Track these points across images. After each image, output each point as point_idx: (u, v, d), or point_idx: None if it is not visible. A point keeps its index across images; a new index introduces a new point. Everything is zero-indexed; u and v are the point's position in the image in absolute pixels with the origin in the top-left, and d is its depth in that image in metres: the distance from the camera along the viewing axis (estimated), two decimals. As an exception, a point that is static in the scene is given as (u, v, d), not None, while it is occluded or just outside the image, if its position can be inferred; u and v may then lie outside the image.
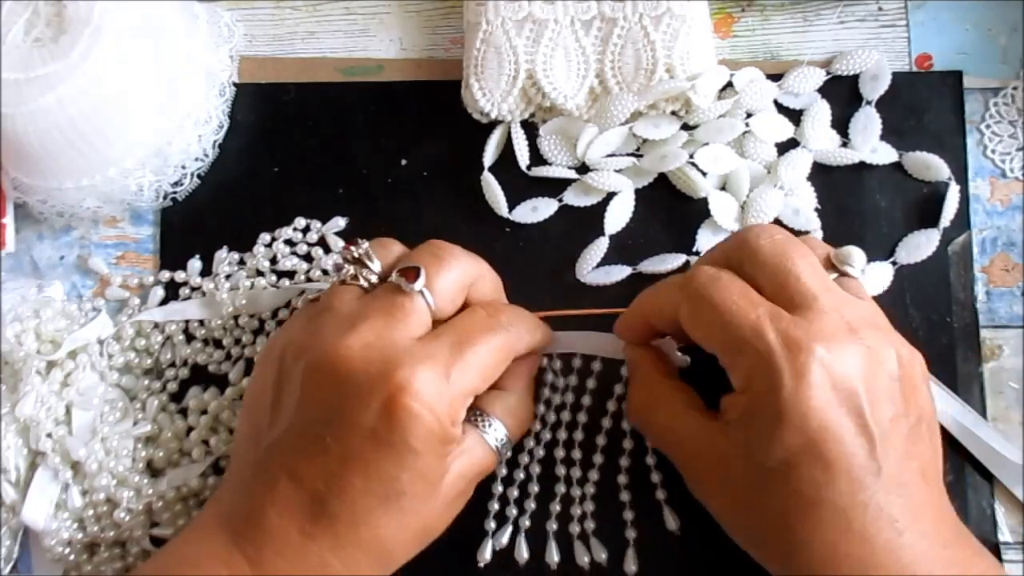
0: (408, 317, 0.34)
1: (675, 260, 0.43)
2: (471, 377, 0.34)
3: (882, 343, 0.33)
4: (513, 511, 0.41)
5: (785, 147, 0.44)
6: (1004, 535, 0.41)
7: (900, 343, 0.34)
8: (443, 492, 0.34)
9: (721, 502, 0.35)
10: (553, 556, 0.40)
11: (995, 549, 0.40)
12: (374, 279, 0.36)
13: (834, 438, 0.31)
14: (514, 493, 0.41)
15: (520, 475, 0.41)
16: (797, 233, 0.42)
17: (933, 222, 0.43)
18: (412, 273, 0.35)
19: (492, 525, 0.40)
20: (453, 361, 0.34)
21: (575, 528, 0.41)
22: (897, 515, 0.32)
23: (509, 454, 0.39)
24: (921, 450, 0.33)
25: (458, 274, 0.36)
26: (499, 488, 0.41)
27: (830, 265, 0.36)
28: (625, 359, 0.40)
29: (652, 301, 0.38)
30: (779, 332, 0.32)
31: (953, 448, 0.41)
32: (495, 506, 0.41)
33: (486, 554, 0.40)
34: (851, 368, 0.32)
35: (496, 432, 0.37)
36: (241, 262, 0.44)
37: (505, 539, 0.40)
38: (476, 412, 0.37)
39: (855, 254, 0.36)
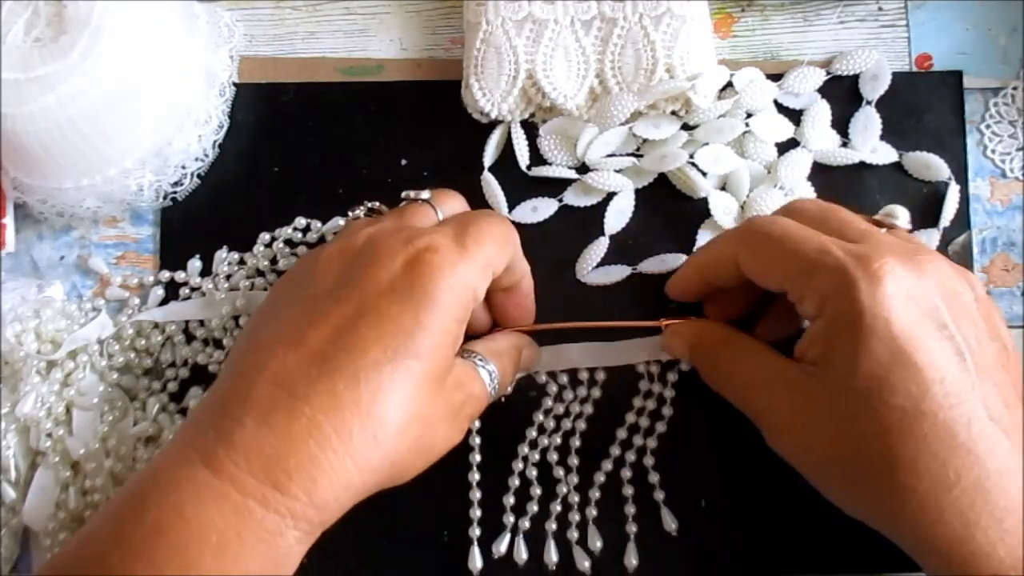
0: (418, 216, 0.37)
1: (675, 260, 0.43)
2: (483, 247, 0.34)
3: (951, 268, 0.33)
4: (511, 518, 0.41)
5: (785, 147, 0.44)
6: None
7: (968, 274, 0.34)
8: (448, 387, 0.34)
9: (810, 448, 0.34)
10: (552, 556, 0.40)
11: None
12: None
13: (922, 346, 0.30)
14: (510, 500, 0.41)
15: (515, 481, 0.41)
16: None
17: (933, 222, 0.43)
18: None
19: (477, 532, 0.40)
20: (462, 233, 0.34)
21: (573, 534, 0.41)
22: (1008, 438, 0.30)
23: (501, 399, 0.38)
24: (1014, 376, 0.32)
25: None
26: (477, 494, 0.41)
27: (876, 224, 0.36)
28: (670, 338, 0.40)
29: (706, 256, 0.39)
30: (846, 250, 0.32)
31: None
32: (477, 512, 0.40)
33: (476, 562, 0.40)
34: (926, 284, 0.32)
35: (487, 366, 0.37)
36: (241, 262, 0.44)
37: (504, 547, 0.40)
38: (465, 352, 0.37)
39: (898, 210, 0.37)
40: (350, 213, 0.40)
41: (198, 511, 0.29)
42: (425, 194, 0.38)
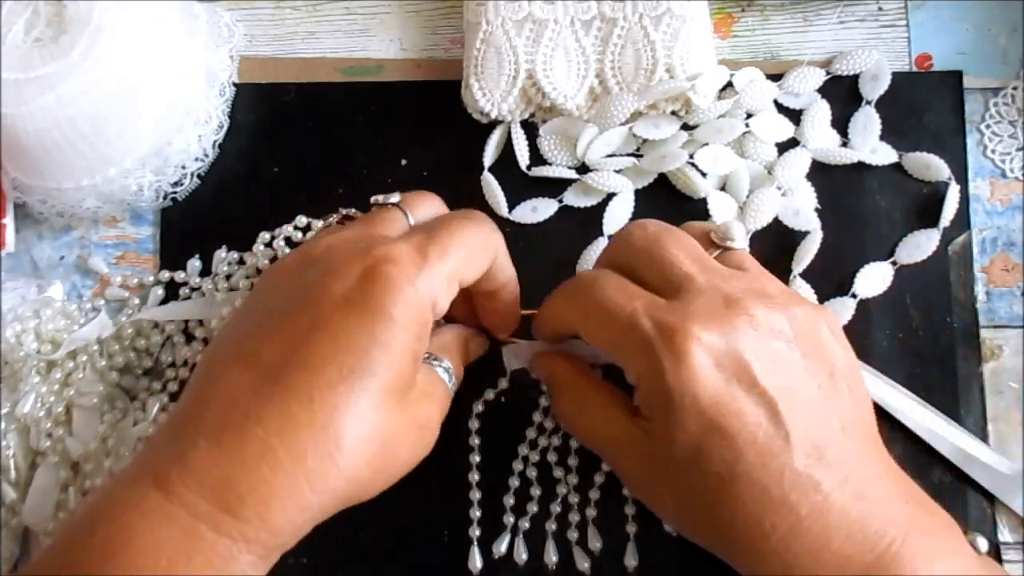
0: (386, 223, 0.36)
1: None
2: (448, 257, 0.33)
3: (768, 309, 0.33)
4: (511, 518, 0.41)
5: (785, 147, 0.44)
6: (1004, 535, 0.41)
7: (795, 303, 0.34)
8: (411, 402, 0.33)
9: (655, 497, 0.35)
10: (552, 557, 0.40)
11: (995, 549, 0.40)
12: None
13: (730, 412, 0.31)
14: (510, 500, 0.41)
15: (515, 482, 0.41)
16: (798, 234, 0.43)
17: (933, 222, 0.43)
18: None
19: (477, 532, 0.40)
20: (427, 242, 0.33)
21: (573, 534, 0.41)
22: (820, 478, 0.31)
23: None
24: (838, 406, 0.33)
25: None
26: (477, 494, 0.40)
27: (711, 243, 0.36)
28: (535, 368, 0.40)
29: (549, 313, 0.37)
30: (654, 321, 0.32)
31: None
32: (477, 513, 0.40)
33: (476, 562, 0.40)
34: (734, 342, 0.32)
35: (443, 364, 0.36)
36: (241, 261, 0.44)
37: (504, 547, 0.40)
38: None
39: (734, 227, 0.36)
40: (322, 222, 0.39)
41: (147, 534, 0.29)
42: (394, 198, 0.37)
